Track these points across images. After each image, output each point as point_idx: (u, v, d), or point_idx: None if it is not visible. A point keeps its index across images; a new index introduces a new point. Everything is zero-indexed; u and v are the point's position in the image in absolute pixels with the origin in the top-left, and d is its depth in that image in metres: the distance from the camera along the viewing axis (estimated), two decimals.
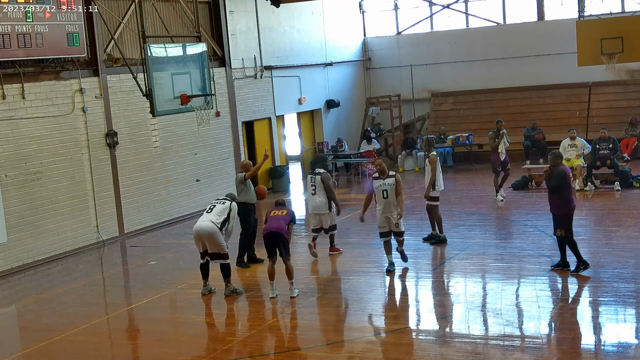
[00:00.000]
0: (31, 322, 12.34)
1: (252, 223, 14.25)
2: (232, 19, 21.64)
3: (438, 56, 27.12)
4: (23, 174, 15.64)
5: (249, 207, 14.17)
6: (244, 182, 14.09)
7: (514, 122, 24.97)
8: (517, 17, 26.43)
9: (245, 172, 14.16)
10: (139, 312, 12.35)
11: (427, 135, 16.62)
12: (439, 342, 10.12)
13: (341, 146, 25.43)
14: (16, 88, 15.56)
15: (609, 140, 19.38)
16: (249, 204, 14.16)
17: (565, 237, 12.26)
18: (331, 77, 26.30)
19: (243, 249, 14.26)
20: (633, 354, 9.20)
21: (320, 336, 10.65)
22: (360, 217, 13.56)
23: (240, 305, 12.25)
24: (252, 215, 14.28)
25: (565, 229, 12.22)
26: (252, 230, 14.26)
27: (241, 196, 13.99)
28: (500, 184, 18.62)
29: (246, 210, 14.06)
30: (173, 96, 14.41)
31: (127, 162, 18.03)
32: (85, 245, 16.88)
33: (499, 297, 11.72)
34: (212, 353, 10.25)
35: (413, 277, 13.32)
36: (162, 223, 18.88)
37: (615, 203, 17.88)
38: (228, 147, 21.27)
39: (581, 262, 12.26)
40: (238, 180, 14.23)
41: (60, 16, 15.75)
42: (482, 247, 14.47)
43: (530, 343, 9.74)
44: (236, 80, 21.67)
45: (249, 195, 14.16)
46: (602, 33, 20.62)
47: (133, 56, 17.79)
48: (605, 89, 24.98)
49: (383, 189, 12.96)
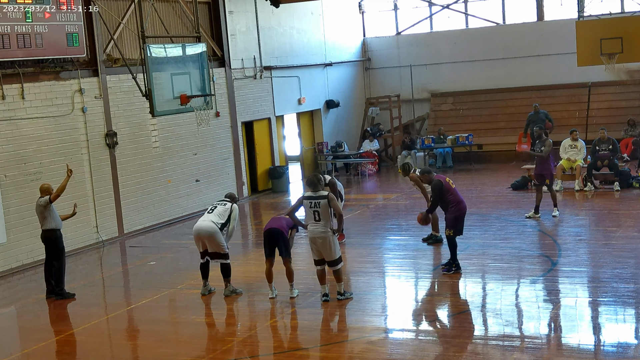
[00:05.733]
0: (31, 322, 12.34)
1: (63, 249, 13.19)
2: (232, 19, 21.64)
3: (438, 56, 27.13)
4: (23, 174, 15.64)
5: (58, 234, 13.02)
6: (48, 206, 12.83)
7: (514, 122, 25.00)
8: (516, 18, 26.44)
9: (48, 196, 12.81)
10: (138, 313, 12.35)
11: (404, 161, 16.57)
12: (439, 342, 10.12)
13: (341, 147, 25.45)
14: (16, 88, 15.56)
15: (608, 142, 19.38)
16: (57, 230, 13.00)
17: (452, 237, 12.75)
18: (331, 78, 26.30)
19: (61, 278, 13.13)
20: (633, 354, 9.20)
21: (320, 336, 10.64)
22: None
23: (239, 305, 12.24)
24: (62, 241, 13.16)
25: (453, 229, 12.75)
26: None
27: (47, 223, 12.87)
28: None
29: (58, 237, 13.00)
30: (173, 96, 14.41)
31: (127, 162, 18.03)
32: (84, 245, 16.88)
33: (498, 297, 11.72)
34: (211, 353, 10.24)
35: (413, 277, 13.33)
36: (162, 223, 18.88)
37: (615, 203, 17.88)
38: (228, 148, 21.27)
39: (454, 263, 12.84)
40: (42, 205, 12.83)
41: (59, 16, 15.75)
42: (482, 247, 14.46)
43: (529, 343, 9.74)
44: (236, 81, 21.67)
45: (56, 220, 12.97)
46: (601, 33, 20.61)
47: (133, 56, 17.78)
48: (605, 89, 24.99)
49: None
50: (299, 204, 11.80)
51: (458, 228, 12.80)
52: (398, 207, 19.51)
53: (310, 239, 11.60)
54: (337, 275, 11.68)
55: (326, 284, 11.75)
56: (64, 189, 12.95)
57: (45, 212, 12.90)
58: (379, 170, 25.64)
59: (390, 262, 14.40)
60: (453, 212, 12.76)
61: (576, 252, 13.68)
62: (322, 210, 11.41)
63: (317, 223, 11.45)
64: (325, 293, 11.72)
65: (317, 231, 11.45)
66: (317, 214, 11.44)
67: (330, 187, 13.80)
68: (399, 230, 16.91)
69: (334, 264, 11.59)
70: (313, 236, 11.53)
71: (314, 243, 11.57)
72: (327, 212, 11.43)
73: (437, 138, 24.92)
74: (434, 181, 12.93)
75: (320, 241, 11.47)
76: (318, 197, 11.46)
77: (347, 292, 11.81)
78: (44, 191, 12.96)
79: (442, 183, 12.79)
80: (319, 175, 11.89)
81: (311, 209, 11.47)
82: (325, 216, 11.43)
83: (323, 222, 11.44)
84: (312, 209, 11.46)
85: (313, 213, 11.47)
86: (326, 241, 11.45)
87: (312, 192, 11.53)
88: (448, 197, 12.74)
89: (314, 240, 11.54)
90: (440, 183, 12.79)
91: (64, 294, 13.12)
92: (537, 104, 23.36)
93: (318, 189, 11.56)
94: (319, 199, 11.43)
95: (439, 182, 12.81)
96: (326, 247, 11.48)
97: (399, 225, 17.39)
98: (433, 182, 12.94)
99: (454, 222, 12.76)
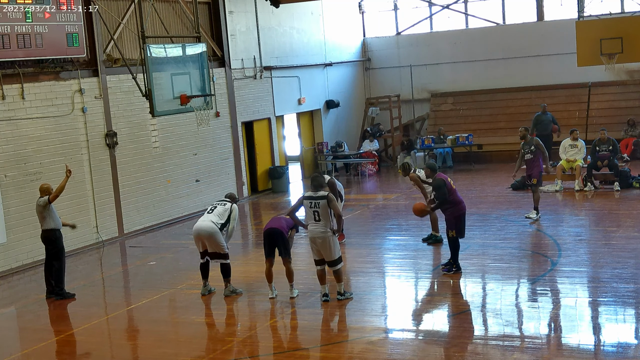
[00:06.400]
0: (31, 322, 12.34)
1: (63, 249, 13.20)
2: (232, 19, 21.65)
3: (438, 56, 27.13)
4: (22, 174, 15.64)
5: (58, 234, 13.04)
6: (47, 206, 12.84)
7: (514, 122, 24.96)
8: (516, 18, 26.44)
9: (47, 196, 12.82)
10: (138, 313, 12.35)
11: (404, 161, 16.51)
12: (439, 342, 10.11)
13: (341, 147, 25.45)
14: (16, 88, 15.56)
15: (608, 142, 19.38)
16: (57, 230, 13.02)
17: (455, 238, 12.73)
18: (331, 78, 26.30)
19: (61, 278, 13.17)
20: (632, 354, 9.20)
21: (320, 336, 10.64)
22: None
23: (239, 305, 12.24)
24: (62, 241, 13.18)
25: (455, 230, 12.72)
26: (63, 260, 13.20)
27: (47, 223, 12.90)
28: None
29: (57, 237, 13.02)
30: (173, 96, 14.40)
31: (127, 162, 18.03)
32: (84, 245, 16.88)
33: (498, 297, 11.72)
34: (211, 353, 10.24)
35: (413, 277, 13.33)
36: (162, 223, 18.88)
37: (615, 203, 17.88)
38: (228, 148, 21.27)
39: (455, 264, 12.80)
40: (41, 205, 12.86)
41: (59, 16, 15.75)
42: (482, 247, 14.46)
43: (529, 343, 9.74)
44: (236, 81, 21.67)
45: (55, 220, 12.99)
46: (601, 33, 20.61)
47: (133, 56, 17.79)
48: (605, 89, 25.00)
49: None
50: (299, 204, 11.80)
51: (460, 229, 12.78)
52: (398, 207, 19.52)
53: (310, 239, 11.60)
54: (337, 275, 11.68)
55: (326, 284, 11.75)
56: (63, 189, 12.95)
57: (44, 212, 12.90)
58: (379, 170, 25.65)
59: (390, 262, 14.40)
60: (453, 213, 12.75)
61: (576, 252, 13.68)
62: (321, 210, 11.42)
63: (317, 223, 11.45)
64: (325, 293, 11.73)
65: (317, 231, 11.45)
66: (316, 214, 11.44)
67: (330, 188, 13.78)
68: (399, 230, 16.92)
69: (334, 264, 11.59)
70: (313, 236, 11.53)
71: (314, 243, 11.57)
72: (326, 213, 11.44)
73: (437, 138, 24.92)
74: (436, 179, 12.86)
75: (320, 241, 11.48)
76: (318, 197, 11.46)
77: (347, 292, 11.81)
78: (44, 191, 12.96)
79: (445, 182, 12.76)
80: (321, 176, 11.91)
81: (311, 209, 11.48)
82: (325, 216, 11.43)
83: (323, 222, 11.44)
84: (312, 209, 11.46)
85: (313, 213, 11.47)
86: (326, 241, 11.45)
87: (312, 192, 11.54)
88: (449, 197, 12.74)
89: (314, 240, 11.54)
90: (443, 181, 12.76)
91: (64, 294, 13.12)
92: (544, 105, 23.23)
93: (319, 189, 11.57)
94: (319, 199, 11.43)
95: (442, 180, 12.77)
96: (326, 247, 11.48)
97: (399, 225, 17.39)
98: (436, 180, 12.87)
99: (455, 222, 12.75)
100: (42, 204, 12.87)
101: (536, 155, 16.16)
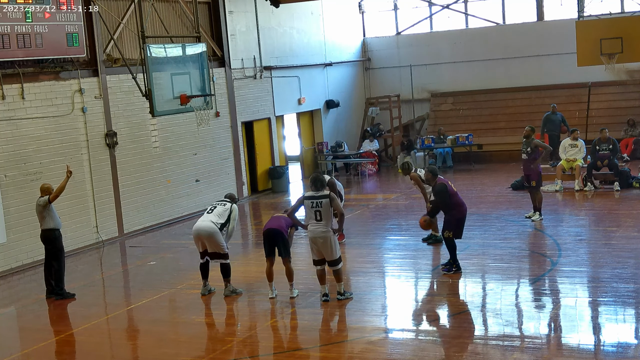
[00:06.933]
0: (31, 322, 12.34)
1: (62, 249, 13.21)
2: (232, 19, 21.64)
3: (437, 56, 27.13)
4: (22, 174, 15.64)
5: (57, 233, 13.04)
6: (47, 206, 12.85)
7: (514, 122, 24.99)
8: (516, 17, 26.44)
9: (47, 196, 12.84)
10: (138, 313, 12.35)
11: (404, 160, 16.51)
12: (439, 342, 10.12)
13: (341, 147, 25.45)
14: (16, 88, 15.56)
15: (608, 142, 19.38)
16: (56, 229, 13.03)
17: (451, 238, 12.74)
18: (331, 78, 26.30)
19: (60, 278, 13.17)
20: (632, 354, 9.20)
21: (320, 336, 10.64)
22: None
23: (239, 305, 12.24)
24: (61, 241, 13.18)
25: (453, 232, 12.71)
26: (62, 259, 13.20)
27: (46, 222, 12.91)
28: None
29: (57, 237, 13.03)
30: (172, 96, 14.41)
31: (127, 162, 18.03)
32: (84, 245, 16.88)
33: (498, 297, 11.72)
34: (211, 353, 10.24)
35: (413, 277, 13.33)
36: (162, 223, 18.88)
37: (615, 203, 17.87)
38: (227, 148, 21.27)
39: (455, 263, 12.82)
40: (41, 205, 12.87)
41: (59, 16, 15.75)
42: (482, 247, 14.46)
43: (529, 343, 9.74)
44: (236, 81, 21.68)
45: (55, 220, 13.00)
46: (601, 33, 20.61)
47: (132, 56, 17.79)
48: (605, 89, 25.00)
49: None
50: (299, 204, 11.79)
51: (458, 231, 12.78)
52: (398, 207, 19.52)
53: (310, 239, 11.59)
54: (337, 275, 11.68)
55: (326, 284, 11.74)
56: (63, 190, 12.95)
57: (44, 212, 12.91)
58: (378, 170, 25.65)
59: (390, 262, 14.40)
60: (455, 215, 12.73)
61: (576, 252, 13.68)
62: (323, 210, 11.41)
63: (318, 223, 11.44)
64: (325, 293, 11.72)
65: (318, 231, 11.44)
66: (318, 213, 11.43)
67: (330, 188, 13.75)
68: (399, 230, 16.92)
69: (334, 263, 11.58)
70: (314, 236, 11.52)
71: (315, 243, 11.56)
72: (328, 212, 11.43)
73: (437, 138, 24.93)
74: (437, 184, 12.83)
75: (321, 241, 11.47)
76: (320, 196, 11.46)
77: (347, 292, 11.81)
78: (44, 191, 12.97)
79: (447, 187, 12.74)
80: (322, 176, 11.90)
81: (312, 209, 11.46)
82: (326, 216, 11.43)
83: (324, 222, 11.43)
84: (314, 208, 11.45)
85: (314, 213, 11.46)
86: (327, 241, 11.45)
87: (313, 192, 11.53)
88: (451, 200, 12.71)
89: (315, 240, 11.53)
90: (444, 187, 12.73)
91: (64, 294, 13.12)
92: (554, 105, 23.17)
93: (321, 189, 11.56)
94: (321, 199, 11.42)
95: (444, 185, 12.75)
96: (327, 247, 11.47)
97: (399, 225, 17.39)
98: (437, 185, 12.85)
99: (456, 224, 12.72)
100: (42, 203, 12.88)
101: (531, 157, 16.15)
